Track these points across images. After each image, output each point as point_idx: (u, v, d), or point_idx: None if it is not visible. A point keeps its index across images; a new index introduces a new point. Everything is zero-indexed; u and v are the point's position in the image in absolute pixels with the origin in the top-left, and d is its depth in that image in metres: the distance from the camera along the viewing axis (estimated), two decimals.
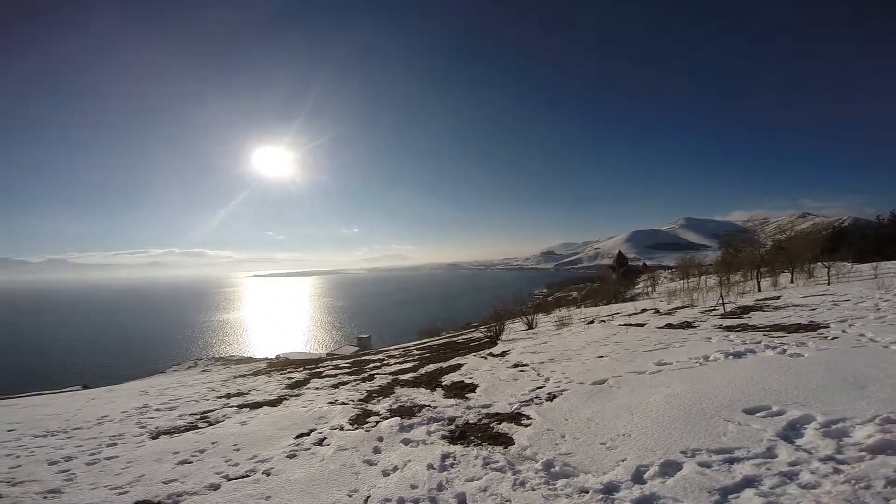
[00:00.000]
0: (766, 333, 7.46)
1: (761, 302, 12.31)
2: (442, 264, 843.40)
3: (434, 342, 21.03)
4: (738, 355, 6.02)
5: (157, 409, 8.75)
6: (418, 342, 25.37)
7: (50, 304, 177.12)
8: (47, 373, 48.52)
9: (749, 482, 2.88)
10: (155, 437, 6.23)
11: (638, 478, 3.13)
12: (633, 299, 34.32)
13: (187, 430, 6.52)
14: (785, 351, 5.91)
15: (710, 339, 7.65)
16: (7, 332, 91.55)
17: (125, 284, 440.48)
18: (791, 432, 3.45)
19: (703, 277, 39.34)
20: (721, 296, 13.48)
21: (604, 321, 14.61)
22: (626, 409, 4.47)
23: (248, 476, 4.20)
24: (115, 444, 5.95)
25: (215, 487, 3.97)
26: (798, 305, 10.34)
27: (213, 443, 5.48)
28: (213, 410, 7.99)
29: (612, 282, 51.95)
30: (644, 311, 16.20)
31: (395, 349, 20.46)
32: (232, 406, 8.29)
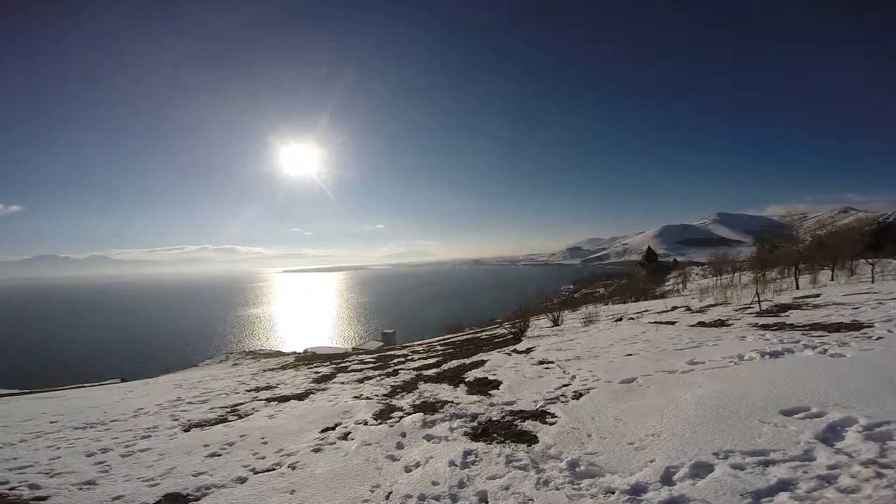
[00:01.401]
0: (805, 332, 7.13)
1: (800, 300, 11.81)
2: (465, 260, 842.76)
3: (457, 338, 21.03)
4: (774, 355, 5.77)
5: (190, 402, 9.02)
6: (441, 338, 25.43)
7: (91, 300, 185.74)
8: (88, 366, 50.96)
9: (784, 485, 2.76)
10: (187, 429, 6.41)
11: (667, 479, 3.03)
12: (662, 296, 33.50)
13: (217, 423, 6.69)
14: (826, 351, 5.64)
15: (745, 337, 7.37)
16: (53, 326, 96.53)
17: (161, 280, 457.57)
18: (831, 434, 3.29)
19: (736, 274, 38.03)
20: (756, 293, 12.98)
21: (632, 318, 14.29)
22: (655, 408, 4.33)
23: (274, 469, 4.27)
24: (149, 436, 6.15)
25: (242, 481, 4.05)
26: (839, 304, 9.86)
27: (241, 436, 5.60)
28: (242, 404, 8.19)
29: (641, 278, 50.82)
30: (675, 308, 15.78)
31: (419, 345, 20.57)
32: (260, 399, 8.48)
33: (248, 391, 10.00)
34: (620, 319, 14.62)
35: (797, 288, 16.58)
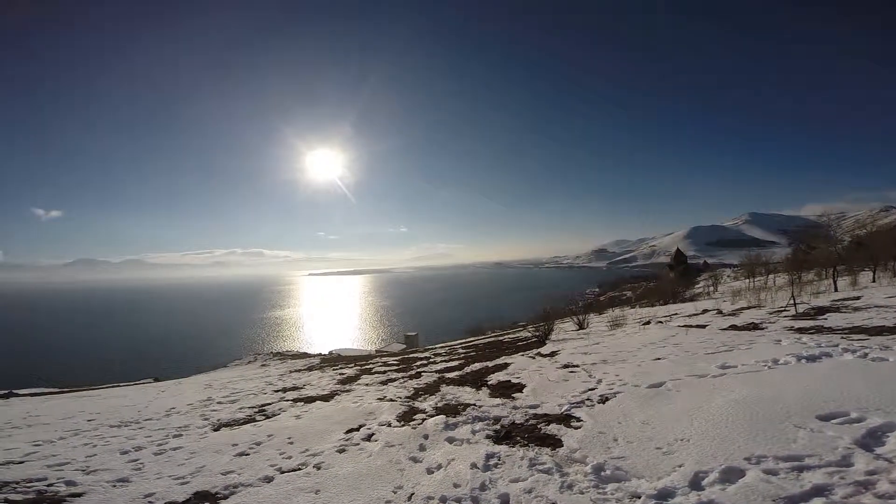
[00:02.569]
0: (844, 336, 6.83)
1: (839, 302, 11.31)
2: (488, 263, 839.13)
3: (480, 341, 20.95)
4: (812, 359, 5.53)
5: (220, 402, 9.25)
6: (464, 341, 25.38)
7: (126, 302, 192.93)
8: (124, 366, 52.92)
9: (819, 491, 2.66)
10: (217, 429, 6.58)
11: (696, 484, 2.95)
12: (692, 299, 32.61)
13: (246, 422, 6.85)
14: (866, 355, 5.38)
15: (781, 341, 7.09)
16: (92, 327, 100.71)
17: (192, 283, 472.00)
18: (870, 440, 3.15)
19: (771, 276, 36.72)
20: (792, 296, 12.49)
21: (661, 322, 13.96)
22: (685, 413, 4.20)
23: (299, 469, 4.34)
24: (181, 435, 6.34)
25: (269, 480, 4.12)
26: (881, 306, 9.41)
27: (269, 436, 5.72)
28: (270, 404, 8.35)
29: (670, 281, 49.62)
30: (705, 311, 15.35)
31: (442, 347, 20.58)
32: (287, 400, 8.63)
33: (275, 392, 10.20)
34: (648, 323, 14.29)
35: (836, 290, 15.88)
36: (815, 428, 3.42)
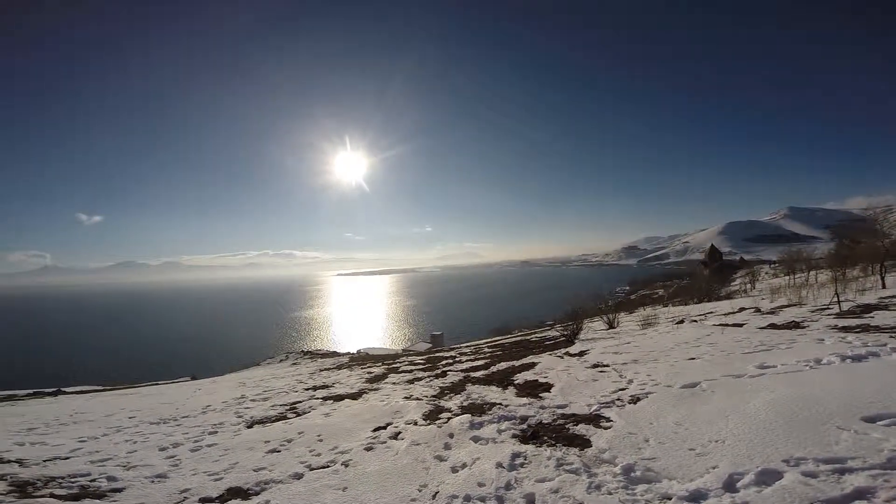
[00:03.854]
0: (892, 335, 6.45)
1: (886, 300, 10.71)
2: (515, 262, 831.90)
3: (506, 340, 20.81)
4: (857, 359, 5.25)
5: (253, 400, 9.52)
6: (490, 340, 25.27)
7: (165, 303, 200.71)
8: (162, 364, 55.04)
9: (860, 494, 2.54)
10: (250, 426, 6.77)
11: (730, 486, 2.86)
12: (728, 297, 31.49)
13: (278, 420, 7.02)
14: None
15: (823, 340, 6.76)
16: (134, 327, 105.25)
17: (226, 284, 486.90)
18: None
19: (812, 273, 35.07)
20: (836, 293, 11.89)
21: (695, 321, 13.53)
22: (720, 413, 4.06)
23: (328, 466, 4.41)
24: (216, 432, 6.54)
25: (298, 477, 4.21)
26: None
27: (299, 433, 5.84)
28: (300, 402, 8.54)
29: (704, 278, 48.06)
30: (742, 309, 14.79)
31: (467, 346, 20.54)
32: (317, 398, 8.80)
33: (305, 390, 10.41)
34: (682, 322, 13.88)
35: (883, 287, 15.02)
36: (859, 430, 3.25)
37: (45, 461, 5.21)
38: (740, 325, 10.26)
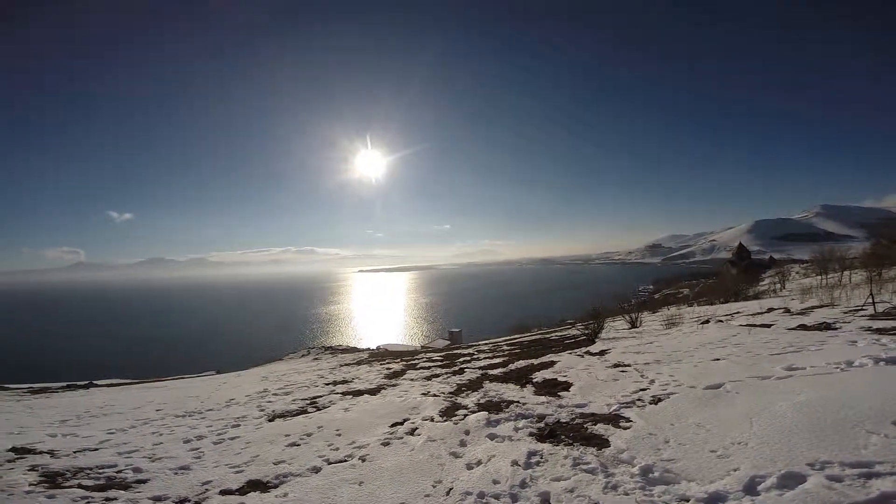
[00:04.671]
0: None
1: None
2: (534, 259, 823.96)
3: (524, 338, 20.66)
4: (892, 361, 5.01)
5: (275, 394, 9.71)
6: (508, 338, 25.13)
7: (192, 298, 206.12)
8: (188, 358, 56.61)
9: (886, 499, 2.46)
10: (271, 419, 6.91)
11: (750, 489, 2.78)
12: (756, 297, 30.55)
13: (298, 414, 7.14)
14: None
15: (856, 342, 6.48)
16: (162, 322, 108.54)
17: (250, 280, 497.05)
18: None
19: (846, 273, 33.79)
20: (871, 294, 11.39)
21: (721, 321, 13.17)
22: (744, 416, 3.94)
23: (345, 461, 4.48)
24: (238, 425, 6.68)
25: (316, 470, 4.27)
26: None
27: (318, 427, 5.94)
28: (321, 396, 8.67)
29: (731, 278, 46.72)
30: (771, 310, 14.33)
31: (485, 344, 20.48)
32: (337, 393, 8.92)
33: (326, 385, 10.56)
34: (707, 322, 13.53)
35: None
36: (890, 434, 3.11)
37: (74, 452, 5.39)
38: (768, 326, 9.94)
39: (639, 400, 5.19)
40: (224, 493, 3.89)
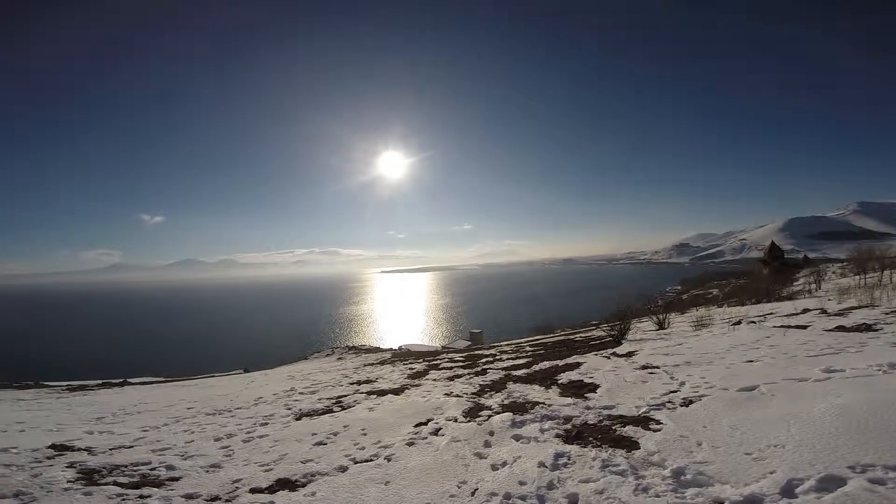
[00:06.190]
0: None
1: None
2: (557, 259, 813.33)
3: (548, 339, 20.43)
4: None
5: (301, 393, 9.85)
6: (530, 339, 24.89)
7: (222, 298, 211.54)
8: (217, 357, 58.11)
9: None
10: (298, 418, 6.99)
11: (788, 491, 2.69)
12: (790, 298, 29.50)
13: (324, 413, 7.21)
14: None
15: None
16: (193, 321, 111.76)
17: (276, 281, 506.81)
18: None
19: (886, 272, 32.22)
20: None
21: (753, 322, 12.75)
22: (781, 418, 3.80)
23: (371, 460, 4.49)
24: (267, 423, 6.77)
25: (343, 469, 4.29)
26: None
27: (344, 426, 5.97)
28: (346, 396, 8.75)
29: (763, 278, 45.22)
30: (806, 311, 13.81)
31: (507, 345, 20.34)
32: (362, 392, 8.98)
33: (350, 384, 10.66)
34: (739, 323, 13.12)
35: None
36: None
37: (111, 449, 5.50)
38: (804, 328, 9.58)
39: (669, 402, 5.07)
40: (254, 491, 3.93)
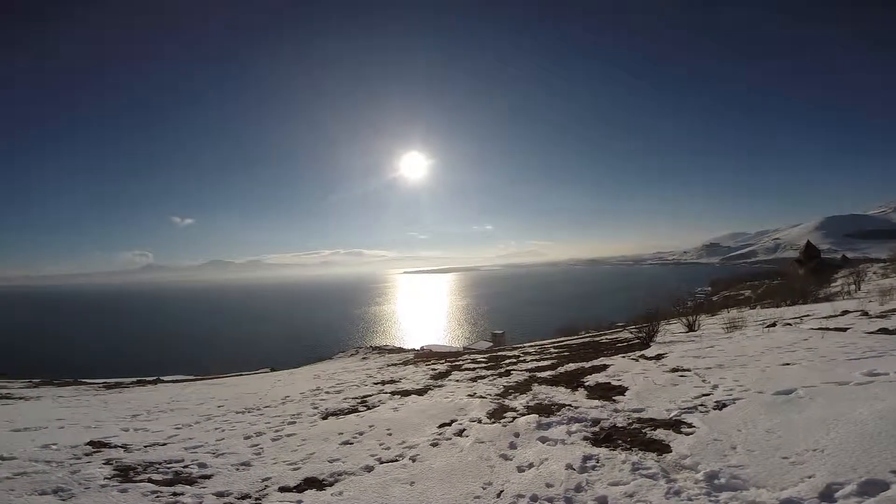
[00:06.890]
0: None
1: None
2: (581, 260, 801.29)
3: (573, 341, 20.16)
4: None
5: (327, 392, 9.97)
6: (555, 340, 24.60)
7: (250, 299, 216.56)
8: (245, 356, 59.46)
9: None
10: (325, 417, 7.06)
11: (827, 496, 2.62)
12: (827, 299, 28.33)
13: (350, 412, 7.27)
14: None
15: None
16: (222, 320, 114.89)
17: (302, 281, 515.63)
18: None
19: None
20: None
21: (789, 324, 12.31)
22: (820, 422, 3.67)
23: (397, 460, 4.52)
24: (294, 422, 6.84)
25: (369, 469, 4.32)
26: None
27: (370, 426, 6.01)
28: (370, 396, 8.82)
29: (799, 278, 43.54)
30: (846, 312, 13.25)
31: (531, 346, 20.15)
32: (386, 392, 9.04)
33: (375, 384, 10.74)
34: (773, 325, 12.68)
35: None
36: None
37: (145, 447, 5.60)
38: (843, 330, 9.19)
39: (701, 405, 4.95)
40: (282, 489, 3.97)
